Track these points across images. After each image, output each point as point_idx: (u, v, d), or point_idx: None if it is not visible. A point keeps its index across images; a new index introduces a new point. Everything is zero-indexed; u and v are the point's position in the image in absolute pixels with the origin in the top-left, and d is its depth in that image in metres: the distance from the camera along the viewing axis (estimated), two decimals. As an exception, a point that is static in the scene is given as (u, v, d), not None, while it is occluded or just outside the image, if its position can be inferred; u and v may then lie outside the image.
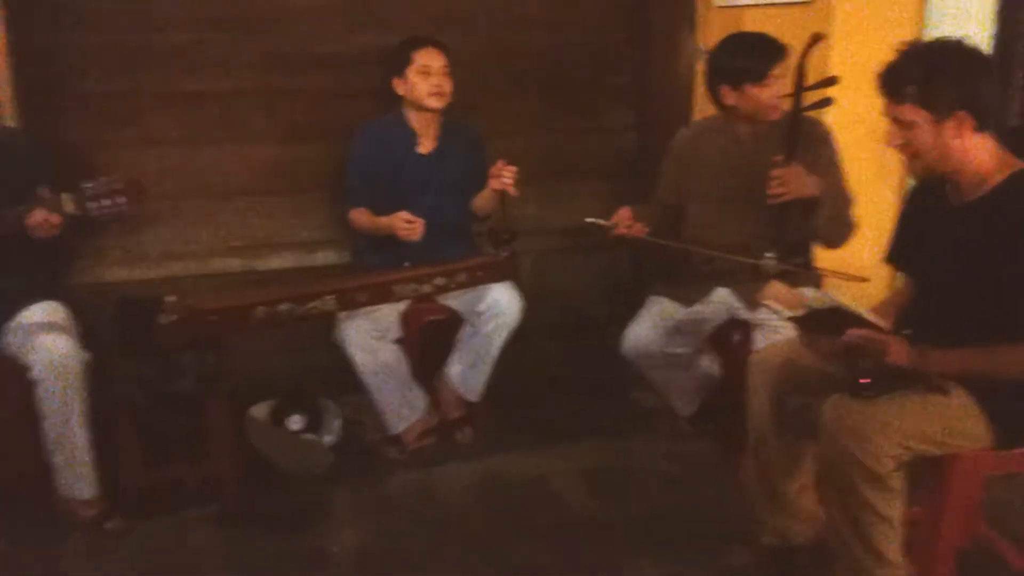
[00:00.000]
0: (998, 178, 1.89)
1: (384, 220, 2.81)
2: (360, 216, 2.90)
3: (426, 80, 2.83)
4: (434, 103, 2.86)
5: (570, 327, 3.47)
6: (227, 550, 2.41)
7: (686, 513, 2.56)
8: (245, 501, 2.59)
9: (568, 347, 3.47)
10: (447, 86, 2.86)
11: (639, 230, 2.65)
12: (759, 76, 2.53)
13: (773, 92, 2.54)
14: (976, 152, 1.89)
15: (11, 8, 2.63)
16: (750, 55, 2.54)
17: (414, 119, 2.92)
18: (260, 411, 2.77)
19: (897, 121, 1.91)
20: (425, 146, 2.95)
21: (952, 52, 1.87)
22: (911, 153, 1.93)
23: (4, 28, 2.61)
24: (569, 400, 3.31)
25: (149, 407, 2.49)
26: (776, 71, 2.52)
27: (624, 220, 2.65)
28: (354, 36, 3.08)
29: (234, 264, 3.09)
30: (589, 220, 2.63)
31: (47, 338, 2.36)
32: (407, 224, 2.75)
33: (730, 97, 2.59)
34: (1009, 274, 1.83)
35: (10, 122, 2.66)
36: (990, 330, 1.86)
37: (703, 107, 3.34)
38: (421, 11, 3.13)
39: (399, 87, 2.88)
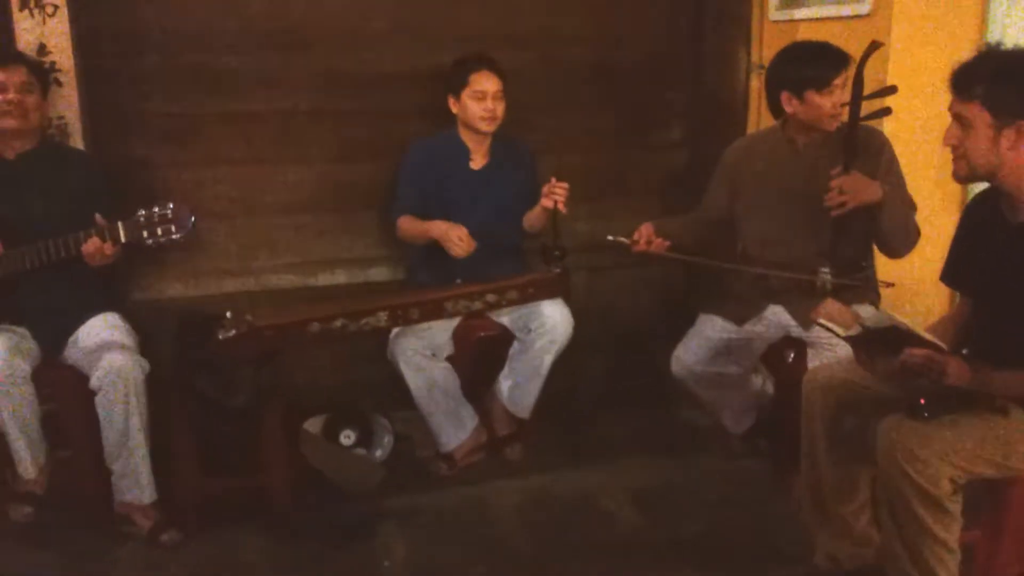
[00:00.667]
0: (1056, 196, 1.84)
1: (434, 227, 2.82)
2: (407, 223, 2.92)
3: (479, 103, 2.86)
4: (485, 127, 2.88)
5: (621, 344, 3.46)
6: (279, 563, 2.44)
7: (737, 533, 2.53)
8: (298, 514, 2.63)
9: (619, 364, 3.46)
10: (500, 110, 2.88)
11: (659, 246, 2.62)
12: (822, 83, 2.49)
13: (835, 101, 2.50)
14: None
15: (81, 35, 2.74)
16: (814, 62, 2.51)
17: (467, 137, 2.95)
18: (313, 425, 2.82)
19: (959, 119, 1.87)
20: (477, 162, 2.98)
21: None
22: (960, 154, 1.89)
23: (72, 53, 2.71)
24: (620, 417, 3.29)
25: (206, 420, 2.54)
26: (839, 79, 2.49)
27: (645, 236, 2.63)
28: (408, 56, 3.12)
29: (290, 280, 3.15)
30: (610, 238, 2.61)
31: (107, 348, 2.44)
32: (459, 239, 2.77)
33: (791, 105, 2.55)
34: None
35: (77, 144, 2.76)
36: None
37: (757, 123, 3.32)
38: (474, 29, 3.15)
39: (453, 106, 2.91)
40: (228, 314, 2.54)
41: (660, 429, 3.21)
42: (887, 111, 2.49)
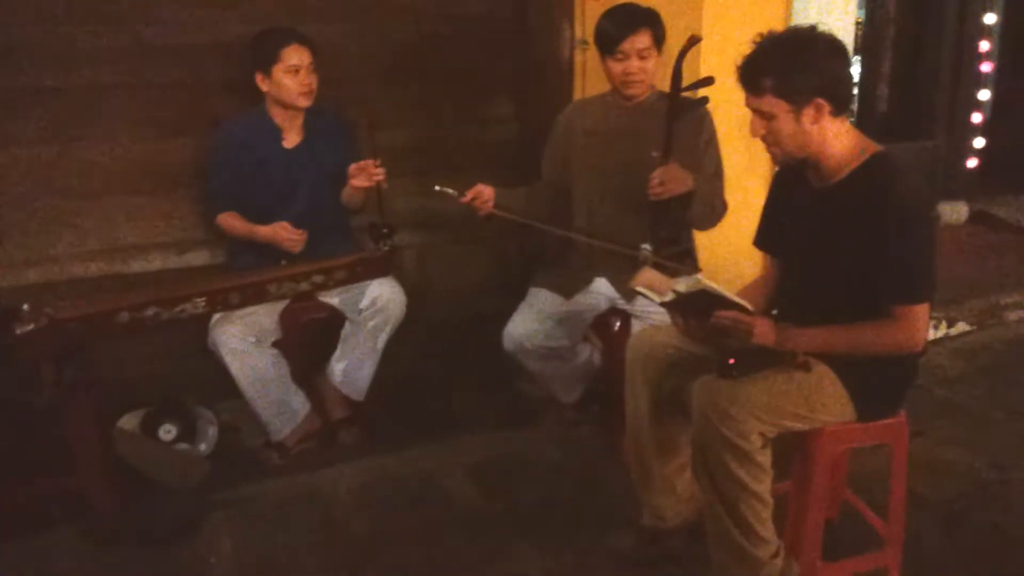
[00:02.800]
0: (855, 162, 1.94)
1: (264, 230, 2.75)
2: (232, 221, 2.80)
3: (294, 78, 2.73)
4: (303, 102, 2.77)
5: (455, 321, 3.43)
6: (97, 568, 2.29)
7: (572, 499, 2.58)
8: (115, 517, 2.45)
9: (453, 341, 3.43)
10: (315, 83, 2.78)
11: (483, 202, 2.60)
12: (608, 47, 2.53)
13: (623, 68, 2.53)
14: (834, 137, 1.93)
15: None
16: (605, 24, 2.54)
17: (277, 114, 2.82)
18: (130, 422, 2.66)
19: (758, 112, 1.94)
20: (291, 140, 2.85)
21: (805, 41, 1.90)
22: (772, 142, 1.97)
23: None
24: (456, 395, 3.29)
25: (6, 421, 2.35)
26: (625, 46, 2.51)
27: (474, 192, 2.59)
28: (222, 27, 2.96)
29: (98, 268, 2.93)
30: (437, 188, 2.56)
31: None
32: (290, 236, 2.71)
33: (600, 60, 2.61)
34: (864, 257, 1.89)
35: None
36: (850, 309, 1.93)
37: (583, 97, 3.36)
38: (293, 1, 3.03)
39: (263, 84, 2.76)
40: (25, 307, 2.33)
41: (496, 404, 3.23)
42: (705, 100, 2.54)
